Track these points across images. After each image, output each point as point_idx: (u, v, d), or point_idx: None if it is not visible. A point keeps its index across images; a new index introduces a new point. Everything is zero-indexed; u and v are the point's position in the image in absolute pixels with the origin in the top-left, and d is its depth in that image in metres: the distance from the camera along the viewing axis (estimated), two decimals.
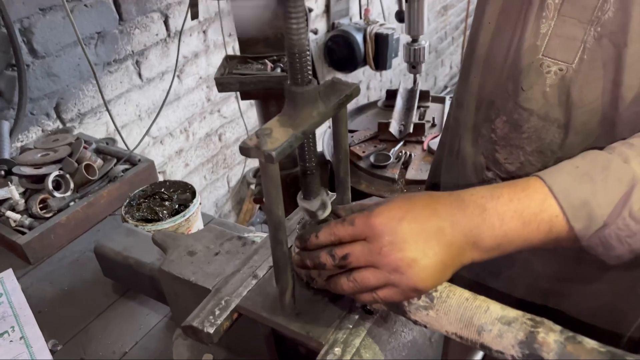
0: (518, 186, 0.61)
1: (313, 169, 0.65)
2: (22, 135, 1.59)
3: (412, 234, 0.57)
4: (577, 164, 0.61)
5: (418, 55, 2.08)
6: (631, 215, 0.57)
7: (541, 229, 0.59)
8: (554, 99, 0.77)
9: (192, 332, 0.68)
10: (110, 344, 1.03)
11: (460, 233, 0.58)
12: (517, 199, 0.60)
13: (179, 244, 0.90)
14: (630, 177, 0.58)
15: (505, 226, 0.59)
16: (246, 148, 0.53)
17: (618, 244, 0.58)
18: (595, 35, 0.71)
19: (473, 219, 0.59)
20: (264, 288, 0.71)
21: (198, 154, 2.41)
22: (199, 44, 2.20)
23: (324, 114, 0.59)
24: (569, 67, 0.74)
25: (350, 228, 0.59)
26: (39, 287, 1.18)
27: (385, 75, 3.79)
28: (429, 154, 1.94)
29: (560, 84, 0.75)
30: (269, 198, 0.57)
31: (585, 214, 0.58)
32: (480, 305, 0.57)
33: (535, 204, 0.59)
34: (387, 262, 0.57)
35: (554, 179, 0.60)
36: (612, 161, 0.60)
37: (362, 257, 0.58)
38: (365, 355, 0.62)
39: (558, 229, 0.59)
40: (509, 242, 0.59)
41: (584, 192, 0.58)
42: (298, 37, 0.53)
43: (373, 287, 0.59)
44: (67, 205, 1.32)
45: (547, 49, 0.76)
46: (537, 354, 0.53)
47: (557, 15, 0.74)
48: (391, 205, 0.59)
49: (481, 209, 0.59)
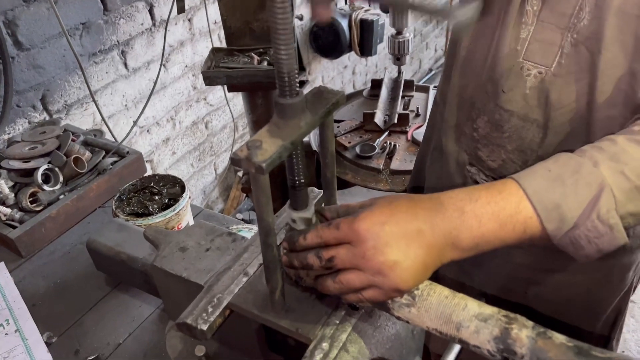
0: (495, 189, 0.65)
1: (302, 184, 0.69)
2: (9, 127, 1.59)
3: (394, 238, 0.60)
4: (550, 167, 0.65)
5: (402, 47, 2.10)
6: (599, 218, 0.61)
7: (516, 229, 0.63)
8: (533, 101, 0.80)
9: (186, 329, 0.71)
10: (104, 335, 1.06)
11: (440, 235, 0.62)
12: (494, 202, 0.63)
13: (171, 240, 0.92)
14: (599, 181, 0.61)
15: (483, 227, 0.62)
16: (237, 159, 0.56)
17: (587, 244, 0.62)
18: (572, 42, 0.74)
19: (452, 221, 0.62)
20: (255, 285, 0.75)
21: (185, 142, 2.42)
22: (184, 33, 2.20)
23: (311, 123, 0.62)
24: (547, 71, 0.77)
25: (335, 232, 0.62)
26: (31, 280, 1.21)
27: (371, 61, 3.80)
28: (412, 144, 1.97)
29: (539, 87, 0.79)
30: (259, 207, 0.60)
31: (557, 216, 0.61)
32: (458, 302, 0.61)
33: (511, 206, 0.63)
34: (371, 265, 0.60)
35: (529, 182, 0.64)
36: (583, 165, 0.63)
37: (347, 260, 0.61)
38: (352, 349, 0.66)
39: (532, 230, 0.63)
40: (486, 242, 0.63)
41: (556, 195, 0.62)
42: (287, 55, 0.55)
43: (358, 288, 0.62)
44: (57, 198, 1.34)
45: (527, 53, 0.79)
46: (511, 348, 0.57)
47: (537, 21, 0.77)
48: (374, 210, 0.62)
49: (460, 211, 0.63)
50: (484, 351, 0.59)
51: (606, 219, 0.61)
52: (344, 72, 3.53)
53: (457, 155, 0.98)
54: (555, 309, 0.99)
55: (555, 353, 0.56)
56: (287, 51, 0.55)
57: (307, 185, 0.71)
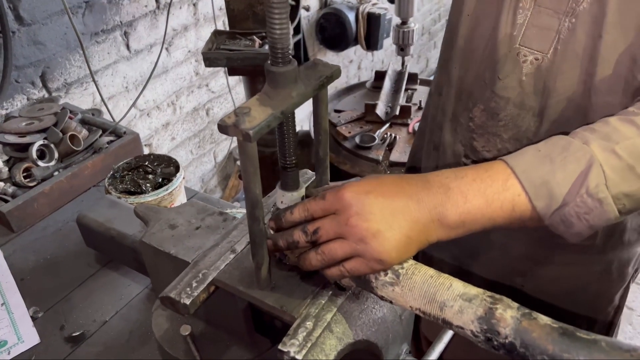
0: (482, 167, 0.64)
1: (293, 164, 0.67)
2: (7, 103, 1.57)
3: (379, 207, 0.59)
4: (540, 147, 0.64)
5: (407, 38, 2.08)
6: (588, 193, 0.60)
7: (504, 207, 0.61)
8: (529, 88, 0.79)
9: (170, 303, 0.70)
10: (91, 312, 1.04)
11: (425, 210, 0.61)
12: (480, 179, 0.62)
13: (161, 217, 0.91)
14: (588, 157, 0.60)
15: (468, 204, 0.61)
16: (224, 126, 0.55)
17: (577, 221, 0.61)
18: (570, 26, 0.72)
19: (437, 197, 0.61)
20: (242, 262, 0.73)
21: (185, 128, 2.41)
22: (188, 17, 2.18)
23: (303, 94, 0.60)
24: (544, 57, 0.76)
25: (321, 202, 0.61)
26: (21, 255, 1.20)
27: (377, 56, 3.77)
28: (414, 136, 1.95)
29: (536, 73, 0.77)
30: (246, 176, 0.58)
31: (545, 193, 0.60)
32: (443, 282, 0.59)
33: (498, 184, 0.62)
34: (354, 232, 0.59)
35: (517, 160, 0.63)
36: (572, 143, 0.62)
37: (331, 229, 0.61)
38: (336, 329, 0.65)
39: (521, 208, 0.62)
40: (473, 220, 0.62)
41: (544, 171, 0.61)
42: (280, 19, 0.53)
43: (340, 258, 0.61)
44: (51, 174, 1.32)
45: (523, 38, 0.77)
46: (494, 329, 0.55)
47: (534, 6, 0.76)
48: (360, 181, 0.62)
49: (445, 187, 0.62)
50: (467, 332, 0.57)
51: (595, 193, 0.60)
52: (350, 67, 3.51)
53: (453, 147, 0.96)
54: (552, 302, 0.97)
55: (539, 333, 0.54)
56: (280, 14, 0.53)
57: (297, 167, 0.70)
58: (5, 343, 0.98)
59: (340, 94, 2.34)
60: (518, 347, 0.55)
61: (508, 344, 0.55)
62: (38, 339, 0.99)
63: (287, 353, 0.60)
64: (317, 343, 0.62)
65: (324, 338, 0.63)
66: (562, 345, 0.53)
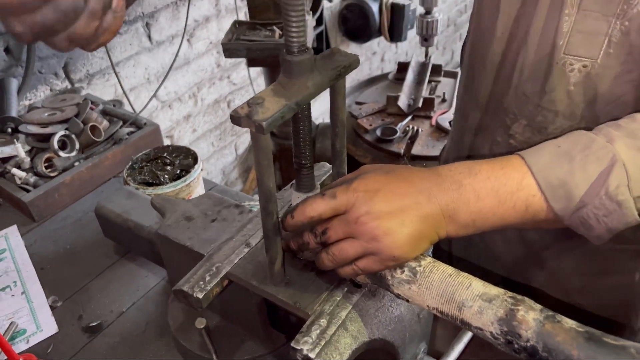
0: (497, 163, 0.61)
1: (308, 166, 0.66)
2: (30, 94, 1.59)
3: (389, 204, 0.58)
4: (560, 143, 0.61)
5: (431, 28, 2.03)
6: (607, 194, 0.57)
7: (517, 207, 0.59)
8: (579, 97, 0.74)
9: (183, 296, 0.69)
10: (108, 303, 1.05)
11: (436, 206, 0.59)
12: (494, 177, 0.60)
13: (177, 208, 0.90)
14: (610, 157, 0.57)
15: (480, 203, 0.59)
16: (237, 117, 0.53)
17: (596, 224, 0.58)
18: (623, 29, 0.68)
19: (449, 193, 0.59)
20: (256, 257, 0.72)
21: (206, 120, 2.41)
22: (210, 8, 2.17)
23: (319, 84, 0.58)
24: (593, 63, 0.71)
25: (332, 202, 0.59)
26: (42, 244, 1.21)
27: (401, 47, 3.72)
28: (437, 129, 1.92)
29: (585, 81, 0.73)
30: (259, 169, 0.57)
31: (563, 193, 0.58)
32: (462, 281, 0.57)
33: (513, 183, 0.59)
34: (364, 230, 0.57)
35: (535, 158, 0.60)
36: (595, 141, 0.59)
37: (340, 228, 0.59)
38: (351, 327, 0.63)
39: (535, 208, 0.59)
40: (484, 219, 0.60)
41: (562, 171, 0.58)
42: (295, 5, 0.51)
43: (352, 257, 0.60)
44: (72, 165, 1.33)
45: (568, 46, 0.73)
46: (515, 331, 0.53)
47: (578, 10, 0.71)
48: (369, 176, 0.60)
49: (458, 184, 0.60)
50: (487, 333, 0.55)
51: (615, 195, 0.57)
52: (372, 58, 3.47)
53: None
54: (594, 318, 0.94)
55: (563, 337, 0.51)
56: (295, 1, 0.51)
57: (313, 167, 0.68)
58: (25, 331, 0.99)
59: (362, 85, 2.30)
60: (540, 351, 0.52)
61: (530, 348, 0.53)
62: (56, 328, 0.99)
63: (300, 351, 0.59)
64: (331, 341, 0.60)
65: (338, 336, 0.61)
66: (588, 351, 0.51)
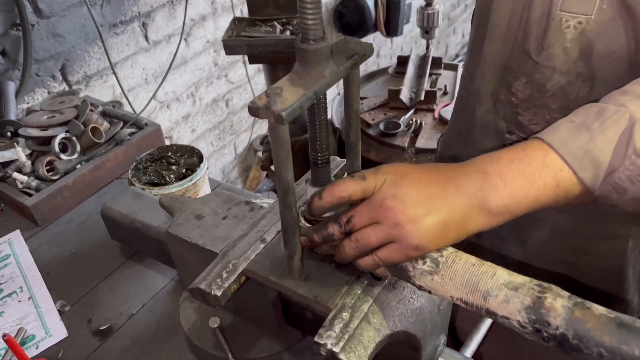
0: (517, 147, 0.61)
1: (325, 161, 0.65)
2: (28, 97, 1.57)
3: (416, 190, 0.57)
4: (572, 118, 0.61)
5: (432, 20, 2.02)
6: (636, 153, 0.56)
7: (548, 185, 0.58)
8: (575, 53, 0.76)
9: (200, 295, 0.68)
10: (117, 305, 1.03)
11: (464, 195, 0.58)
12: (517, 159, 0.59)
13: (186, 207, 0.89)
14: (626, 117, 0.57)
15: (509, 186, 0.58)
16: (255, 108, 0.52)
17: (630, 186, 0.58)
18: None
19: (476, 182, 0.58)
20: (272, 252, 0.71)
21: (205, 119, 2.39)
22: (206, 7, 2.15)
23: (336, 73, 0.57)
24: (588, 19, 0.72)
25: (362, 183, 0.59)
26: (46, 248, 1.19)
27: (396, 42, 3.71)
28: (440, 122, 1.91)
29: (580, 37, 0.74)
30: (278, 161, 0.55)
31: (589, 162, 0.57)
32: (486, 270, 0.56)
33: (537, 161, 0.59)
34: (389, 214, 0.56)
35: (552, 136, 0.60)
36: (606, 108, 0.59)
37: (365, 214, 0.58)
38: (374, 320, 0.62)
39: (566, 183, 0.58)
40: (517, 203, 0.58)
41: (583, 141, 0.58)
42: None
43: (374, 244, 0.59)
44: (73, 167, 1.31)
45: (564, 3, 0.74)
46: (544, 319, 0.52)
47: None
48: (398, 164, 0.60)
49: (483, 172, 0.59)
50: (514, 322, 0.53)
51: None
52: None
53: (495, 125, 0.92)
54: (607, 279, 0.93)
55: (594, 324, 0.50)
56: None
57: (329, 162, 0.67)
58: (34, 337, 0.97)
59: (362, 80, 2.29)
60: (571, 338, 0.51)
61: (559, 335, 0.52)
62: (66, 333, 0.98)
63: (324, 345, 0.57)
64: (354, 335, 0.59)
65: (361, 329, 0.60)
66: (620, 337, 0.50)
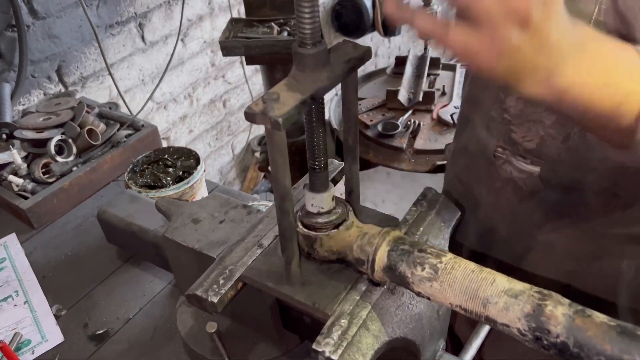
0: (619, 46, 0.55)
1: (323, 167, 0.63)
2: (24, 98, 1.56)
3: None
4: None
5: None
6: None
7: (615, 100, 0.53)
8: None
9: (196, 301, 0.67)
10: (114, 309, 1.02)
11: (567, 39, 0.50)
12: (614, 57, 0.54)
13: (183, 211, 0.88)
14: None
15: (588, 77, 0.52)
16: (252, 114, 0.51)
17: None
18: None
19: (575, 46, 0.51)
20: (269, 257, 0.70)
21: (202, 120, 2.38)
22: (203, 7, 2.14)
23: (333, 78, 0.56)
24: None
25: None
26: (42, 252, 1.18)
27: (394, 42, 3.70)
28: (438, 123, 1.90)
29: None
30: (275, 167, 0.55)
31: None
32: (486, 277, 0.55)
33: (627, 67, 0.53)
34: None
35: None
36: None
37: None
38: (372, 327, 0.61)
39: (629, 107, 0.53)
40: (570, 96, 0.52)
41: None
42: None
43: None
44: (69, 170, 1.30)
45: None
46: (544, 327, 0.51)
47: None
48: None
49: (582, 46, 0.52)
50: (514, 330, 0.53)
51: None
52: None
53: (486, 143, 0.91)
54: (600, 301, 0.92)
55: (595, 332, 0.49)
56: None
57: (327, 167, 0.66)
58: (29, 342, 0.96)
59: (360, 81, 2.28)
60: (571, 347, 0.51)
61: (560, 344, 0.51)
62: (62, 338, 0.97)
63: (322, 353, 0.57)
64: (353, 342, 0.58)
65: (360, 336, 0.59)
66: (622, 345, 0.49)
